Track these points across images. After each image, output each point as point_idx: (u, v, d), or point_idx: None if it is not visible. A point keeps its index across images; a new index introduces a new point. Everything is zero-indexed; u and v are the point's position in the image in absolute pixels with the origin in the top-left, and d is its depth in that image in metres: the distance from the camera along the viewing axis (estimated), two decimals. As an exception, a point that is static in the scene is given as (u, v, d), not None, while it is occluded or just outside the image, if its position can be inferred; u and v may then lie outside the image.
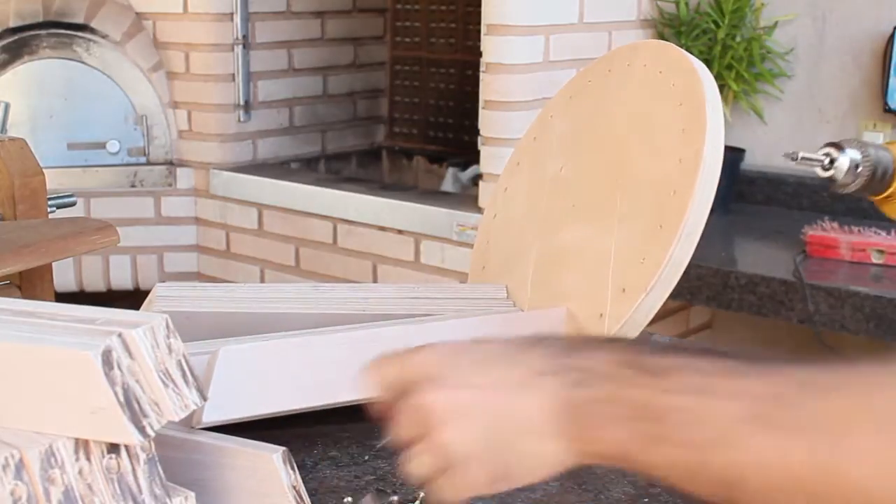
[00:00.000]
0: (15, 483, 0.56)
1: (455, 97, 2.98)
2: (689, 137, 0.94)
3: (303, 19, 2.87)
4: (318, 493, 0.82)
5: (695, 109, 0.95)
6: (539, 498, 0.82)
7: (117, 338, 0.59)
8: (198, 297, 1.04)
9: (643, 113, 1.03)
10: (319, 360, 0.92)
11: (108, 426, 0.58)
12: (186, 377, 0.62)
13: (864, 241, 1.90)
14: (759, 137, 2.38)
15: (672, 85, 1.00)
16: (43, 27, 2.67)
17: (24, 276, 1.07)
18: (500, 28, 2.07)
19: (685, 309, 2.40)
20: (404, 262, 2.31)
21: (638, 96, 1.05)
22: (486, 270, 1.17)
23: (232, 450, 0.72)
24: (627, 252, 0.96)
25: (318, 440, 0.92)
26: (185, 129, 2.72)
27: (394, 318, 1.01)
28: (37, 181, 1.11)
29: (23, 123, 2.59)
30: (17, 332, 0.62)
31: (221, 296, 1.05)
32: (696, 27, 2.26)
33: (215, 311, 1.01)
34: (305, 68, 2.88)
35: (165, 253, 2.74)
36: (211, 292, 1.06)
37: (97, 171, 2.70)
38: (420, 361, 0.63)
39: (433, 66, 3.03)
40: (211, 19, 2.65)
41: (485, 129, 2.15)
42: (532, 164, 1.16)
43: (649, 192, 0.97)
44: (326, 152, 2.98)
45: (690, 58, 0.99)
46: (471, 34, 2.81)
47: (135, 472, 0.61)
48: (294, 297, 1.06)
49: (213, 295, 1.05)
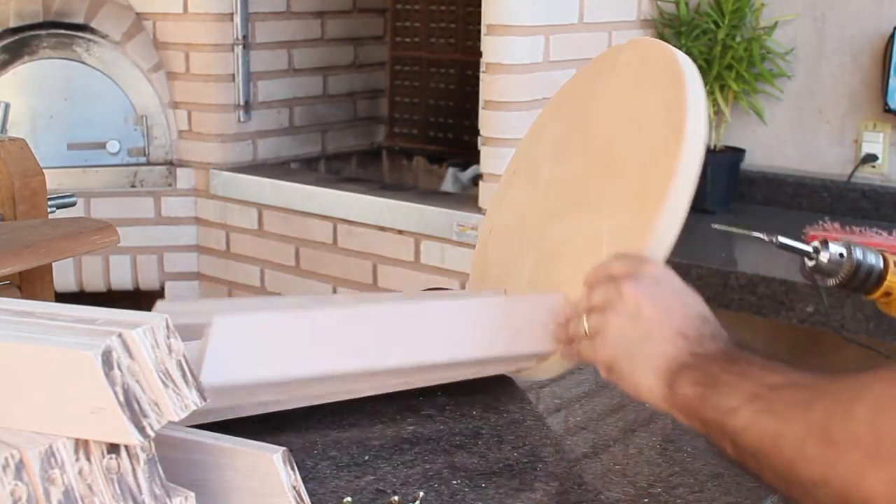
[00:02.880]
0: (15, 483, 0.56)
1: (455, 97, 2.98)
2: (671, 118, 0.95)
3: (303, 19, 2.87)
4: (318, 493, 0.82)
5: (676, 95, 0.96)
6: (539, 498, 0.82)
7: (117, 338, 0.59)
8: (198, 311, 1.02)
9: (628, 107, 1.04)
10: (316, 331, 0.94)
11: (108, 426, 0.58)
12: (186, 377, 0.62)
13: (864, 241, 1.90)
14: (759, 137, 2.38)
15: (654, 76, 1.01)
16: (43, 27, 2.66)
17: (24, 276, 1.07)
18: (500, 28, 2.07)
19: (685, 309, 2.40)
20: (404, 262, 2.31)
21: (622, 92, 1.06)
22: (484, 281, 1.17)
23: (232, 450, 0.72)
24: (618, 232, 0.96)
25: (318, 440, 0.92)
26: (185, 130, 2.72)
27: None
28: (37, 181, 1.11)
29: (23, 123, 2.59)
30: (17, 332, 0.62)
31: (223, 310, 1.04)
32: (696, 27, 2.26)
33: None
34: (305, 68, 2.88)
35: (165, 253, 2.74)
36: (212, 306, 1.05)
37: (97, 172, 2.70)
38: (634, 266, 0.84)
39: (433, 66, 3.03)
40: (211, 19, 2.65)
41: (485, 130, 2.15)
42: (527, 171, 1.17)
43: (636, 176, 0.98)
44: (326, 152, 2.98)
45: (671, 49, 1.00)
46: (471, 34, 2.81)
47: (135, 473, 0.61)
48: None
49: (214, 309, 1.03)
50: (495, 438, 0.94)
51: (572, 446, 0.92)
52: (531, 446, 0.92)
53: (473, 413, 0.99)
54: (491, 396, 1.04)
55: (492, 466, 0.88)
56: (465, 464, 0.88)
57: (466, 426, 0.96)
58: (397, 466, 0.87)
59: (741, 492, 0.84)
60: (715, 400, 0.72)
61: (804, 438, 0.65)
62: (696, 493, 0.83)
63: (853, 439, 0.62)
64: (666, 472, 0.87)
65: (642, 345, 0.79)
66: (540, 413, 1.01)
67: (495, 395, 1.04)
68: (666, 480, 0.85)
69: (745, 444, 0.70)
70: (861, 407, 0.62)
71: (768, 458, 0.68)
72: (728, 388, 0.72)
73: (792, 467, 0.66)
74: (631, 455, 0.91)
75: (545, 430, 0.97)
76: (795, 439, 0.65)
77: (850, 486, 0.62)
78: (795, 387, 0.69)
